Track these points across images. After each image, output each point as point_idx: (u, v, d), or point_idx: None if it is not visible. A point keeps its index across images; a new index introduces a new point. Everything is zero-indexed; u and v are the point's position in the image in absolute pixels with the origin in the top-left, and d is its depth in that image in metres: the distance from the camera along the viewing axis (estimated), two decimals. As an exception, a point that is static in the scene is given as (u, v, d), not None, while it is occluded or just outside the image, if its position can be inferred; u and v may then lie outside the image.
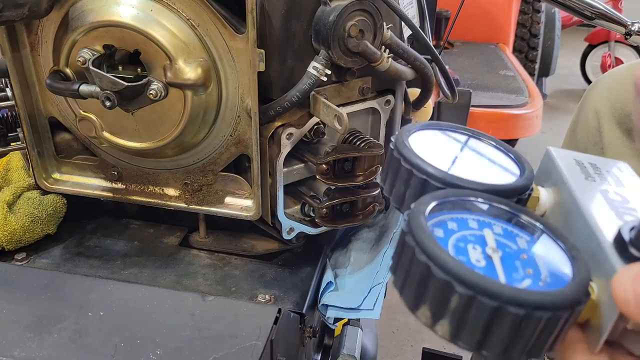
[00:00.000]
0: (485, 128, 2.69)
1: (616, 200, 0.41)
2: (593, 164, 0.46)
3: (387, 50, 0.75)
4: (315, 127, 0.79)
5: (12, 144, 1.00)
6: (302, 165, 0.82)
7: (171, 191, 0.85)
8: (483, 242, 0.36)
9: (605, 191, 0.42)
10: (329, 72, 0.72)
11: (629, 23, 1.15)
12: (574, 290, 0.33)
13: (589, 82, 4.51)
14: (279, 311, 0.71)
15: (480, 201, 0.40)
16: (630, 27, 1.15)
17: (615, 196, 0.41)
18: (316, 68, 0.71)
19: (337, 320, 0.84)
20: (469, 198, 0.40)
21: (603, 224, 0.37)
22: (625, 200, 0.41)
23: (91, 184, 0.87)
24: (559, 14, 3.81)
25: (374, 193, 0.82)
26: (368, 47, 0.72)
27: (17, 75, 0.78)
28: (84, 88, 0.71)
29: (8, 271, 0.78)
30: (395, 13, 0.75)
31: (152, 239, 0.89)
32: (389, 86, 0.83)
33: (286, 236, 0.82)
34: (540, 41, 3.62)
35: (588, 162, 0.46)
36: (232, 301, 0.74)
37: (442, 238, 0.36)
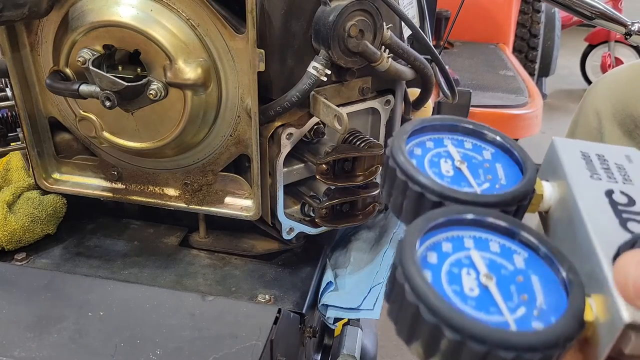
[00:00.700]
0: (485, 128, 2.70)
1: (621, 203, 0.39)
2: (600, 155, 0.43)
3: (387, 50, 0.75)
4: (315, 127, 0.79)
5: (12, 144, 1.00)
6: (302, 165, 0.82)
7: (171, 191, 0.85)
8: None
9: (610, 192, 0.40)
10: (329, 72, 0.72)
11: (629, 23, 1.15)
12: (566, 326, 0.32)
13: (589, 82, 4.51)
14: (279, 311, 0.71)
15: (477, 218, 0.38)
16: (630, 27, 1.15)
17: (621, 198, 0.39)
18: (316, 68, 0.71)
19: (337, 320, 0.84)
20: (466, 216, 0.38)
21: (604, 238, 0.36)
22: (631, 201, 0.39)
23: (91, 184, 0.87)
24: (559, 14, 3.81)
25: (374, 193, 0.82)
26: (368, 47, 0.72)
27: (17, 75, 0.78)
28: (84, 88, 0.71)
29: (8, 271, 0.78)
30: (395, 13, 0.75)
31: (152, 239, 0.89)
32: (389, 86, 0.83)
33: (286, 236, 0.82)
34: (540, 41, 3.62)
35: (595, 154, 0.43)
36: (232, 301, 0.74)
37: (435, 265, 0.35)
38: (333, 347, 0.94)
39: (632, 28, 1.15)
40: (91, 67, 0.69)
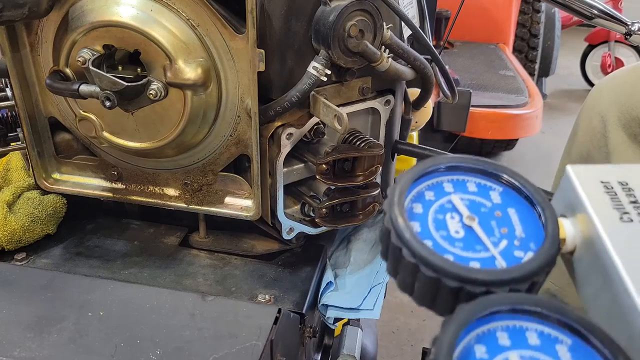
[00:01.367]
0: (485, 128, 2.70)
1: None
2: (623, 184, 0.39)
3: (387, 50, 0.75)
4: (315, 127, 0.79)
5: (12, 144, 1.01)
6: (302, 165, 0.82)
7: (171, 191, 0.85)
8: None
9: None
10: (329, 72, 0.72)
11: (629, 23, 1.15)
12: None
13: (589, 82, 4.51)
14: (279, 311, 0.71)
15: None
16: (630, 27, 1.15)
17: None
18: (316, 68, 0.71)
19: (337, 320, 0.84)
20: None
21: None
22: None
23: (91, 184, 0.87)
24: (559, 14, 3.81)
25: (374, 193, 0.82)
26: (368, 47, 0.72)
27: (17, 75, 0.78)
28: (84, 88, 0.71)
29: (8, 271, 0.78)
30: (395, 13, 0.75)
31: (152, 239, 0.89)
32: (389, 86, 0.83)
33: (286, 236, 0.82)
34: (540, 41, 3.62)
35: (617, 182, 0.39)
36: (232, 301, 0.74)
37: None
38: (333, 347, 0.94)
39: (632, 28, 1.15)
40: (91, 67, 0.69)
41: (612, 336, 0.32)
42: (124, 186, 0.86)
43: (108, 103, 0.70)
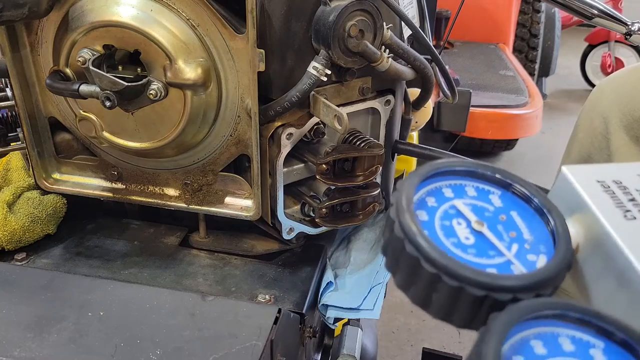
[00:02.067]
0: (485, 128, 2.70)
1: None
2: (618, 183, 0.39)
3: (387, 50, 0.75)
4: (315, 127, 0.79)
5: (12, 144, 1.01)
6: (302, 165, 0.82)
7: (171, 191, 0.85)
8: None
9: None
10: (329, 72, 0.72)
11: (629, 23, 1.15)
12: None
13: (589, 82, 4.51)
14: (279, 311, 0.71)
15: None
16: (630, 27, 1.15)
17: None
18: (316, 68, 0.71)
19: (337, 320, 0.84)
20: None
21: None
22: None
23: (91, 184, 0.87)
24: (559, 14, 3.81)
25: (374, 193, 0.82)
26: (368, 47, 0.72)
27: (17, 75, 0.78)
28: (84, 88, 0.71)
29: (8, 271, 0.78)
30: (395, 13, 0.75)
31: (152, 239, 0.89)
32: (389, 86, 0.83)
33: (286, 236, 0.82)
34: (540, 41, 3.62)
35: (612, 181, 0.39)
36: (232, 301, 0.74)
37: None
38: (333, 347, 0.94)
39: (632, 28, 1.15)
40: (91, 67, 0.69)
41: None
42: (124, 186, 0.86)
43: (108, 103, 0.70)
